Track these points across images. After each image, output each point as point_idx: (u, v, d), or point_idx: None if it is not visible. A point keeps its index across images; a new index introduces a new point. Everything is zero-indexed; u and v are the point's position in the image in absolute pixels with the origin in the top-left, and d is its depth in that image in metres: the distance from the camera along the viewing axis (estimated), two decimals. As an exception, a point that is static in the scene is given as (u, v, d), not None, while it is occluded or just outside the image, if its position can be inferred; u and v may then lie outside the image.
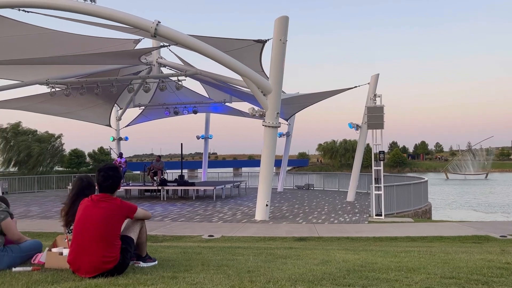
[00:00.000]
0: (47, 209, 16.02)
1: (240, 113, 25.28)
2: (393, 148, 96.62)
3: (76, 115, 24.14)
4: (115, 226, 3.76)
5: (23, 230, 5.69)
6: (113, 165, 4.09)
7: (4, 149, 37.98)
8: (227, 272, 3.78)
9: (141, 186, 21.06)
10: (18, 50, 14.39)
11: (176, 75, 17.64)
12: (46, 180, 27.80)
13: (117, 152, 26.41)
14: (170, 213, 14.31)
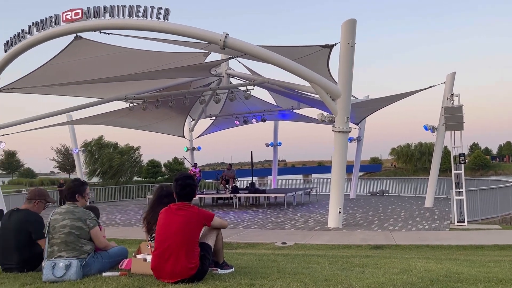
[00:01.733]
0: (128, 217, 17.00)
1: (308, 120, 25.12)
2: (474, 150, 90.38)
3: (152, 127, 25.45)
4: (194, 233, 3.89)
5: (109, 237, 6.09)
6: (189, 174, 4.26)
7: (89, 161, 41.06)
8: (303, 280, 3.75)
9: (214, 194, 21.64)
10: (100, 69, 15.52)
11: (245, 84, 17.98)
12: (127, 190, 29.56)
13: (191, 161, 27.44)
14: (243, 220, 14.53)
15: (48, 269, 3.92)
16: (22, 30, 12.44)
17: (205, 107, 23.65)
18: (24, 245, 4.38)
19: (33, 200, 4.66)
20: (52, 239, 4.12)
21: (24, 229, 4.41)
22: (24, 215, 4.51)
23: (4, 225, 4.54)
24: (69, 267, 3.95)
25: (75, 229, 4.15)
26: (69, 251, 4.08)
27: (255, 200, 21.04)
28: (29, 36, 12.34)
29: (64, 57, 13.69)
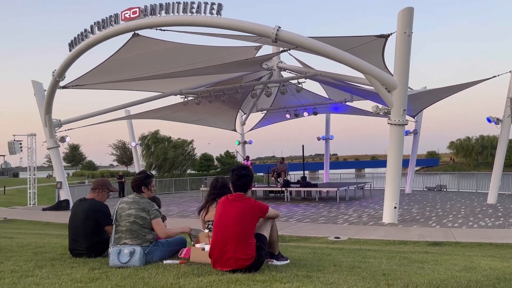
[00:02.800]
0: (184, 208, 17.52)
1: (362, 112, 24.59)
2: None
3: (205, 121, 26.02)
4: (250, 224, 3.95)
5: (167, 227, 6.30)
6: (245, 165, 4.32)
7: (146, 155, 42.64)
8: (361, 274, 3.70)
9: (266, 187, 21.77)
10: (156, 65, 16.06)
11: (296, 77, 17.90)
12: (181, 182, 30.44)
13: (243, 155, 27.77)
14: (294, 214, 14.53)
15: (114, 255, 4.14)
16: (85, 29, 13.12)
17: (257, 101, 23.81)
18: (92, 232, 4.65)
19: (97, 189, 4.94)
20: (118, 226, 4.36)
21: (91, 217, 4.68)
22: (90, 204, 4.79)
23: (73, 214, 4.85)
24: (133, 254, 4.15)
25: (139, 219, 4.34)
26: (133, 239, 4.29)
27: (306, 194, 20.95)
28: (91, 35, 13.00)
29: (122, 54, 14.30)
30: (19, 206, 21.45)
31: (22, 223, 14.32)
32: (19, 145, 20.40)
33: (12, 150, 20.13)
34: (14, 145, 20.12)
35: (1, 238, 6.97)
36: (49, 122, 18.12)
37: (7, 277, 3.62)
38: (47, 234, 9.24)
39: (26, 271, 3.87)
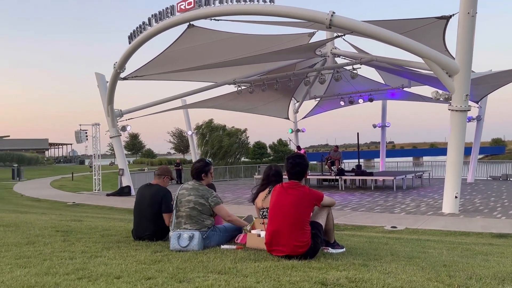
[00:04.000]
0: (238, 195, 17.84)
1: (420, 98, 23.61)
2: None
3: (258, 110, 26.17)
4: (305, 212, 3.97)
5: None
6: (300, 153, 4.33)
7: (201, 143, 43.67)
8: (420, 265, 3.62)
9: (319, 175, 21.62)
10: (211, 55, 16.34)
11: (351, 63, 17.49)
12: (235, 170, 30.94)
13: (296, 143, 27.69)
14: (349, 203, 14.34)
15: (174, 239, 4.33)
16: (143, 22, 13.58)
17: (310, 88, 23.56)
18: (157, 217, 4.88)
19: (163, 175, 5.17)
20: (179, 211, 4.54)
21: (157, 202, 4.91)
22: (157, 189, 5.02)
23: (139, 199, 5.10)
24: (192, 238, 4.31)
25: (198, 205, 4.50)
26: (192, 224, 4.46)
27: (361, 183, 20.55)
28: (149, 27, 13.44)
29: (178, 45, 14.67)
30: (86, 191, 22.86)
31: (89, 208, 15.28)
32: (85, 134, 21.65)
33: (78, 139, 21.42)
34: (80, 134, 21.39)
35: (71, 221, 7.49)
36: (111, 112, 19.05)
37: (78, 257, 3.90)
38: (111, 218, 9.81)
39: (95, 252, 4.15)
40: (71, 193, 22.13)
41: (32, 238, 5.01)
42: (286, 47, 16.11)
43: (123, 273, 3.19)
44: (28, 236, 5.22)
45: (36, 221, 7.05)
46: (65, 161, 74.71)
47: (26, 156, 55.71)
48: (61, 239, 5.04)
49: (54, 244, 4.65)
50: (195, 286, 2.82)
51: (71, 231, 5.79)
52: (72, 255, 3.96)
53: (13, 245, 4.56)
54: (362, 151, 44.46)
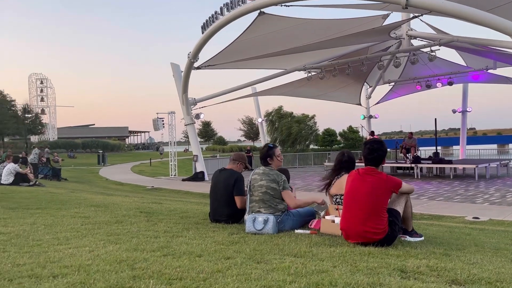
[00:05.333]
0: (308, 182, 17.80)
1: (508, 81, 21.78)
2: None
3: (328, 96, 25.76)
4: (382, 199, 3.88)
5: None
6: (379, 139, 4.21)
7: (270, 130, 44.05)
8: (508, 257, 3.40)
9: (394, 163, 20.87)
10: (281, 42, 16.31)
11: (429, 45, 16.57)
12: (304, 157, 30.84)
13: (368, 129, 26.92)
14: (426, 192, 13.73)
15: (249, 222, 4.46)
16: (215, 12, 13.88)
17: (384, 72, 22.69)
18: (231, 200, 5.04)
19: (238, 161, 5.33)
20: (252, 196, 4.66)
21: (230, 186, 5.07)
22: (231, 173, 5.19)
23: (214, 183, 5.31)
24: (267, 222, 4.41)
25: (270, 189, 4.58)
26: (266, 208, 4.55)
27: (439, 171, 19.53)
28: (221, 16, 13.70)
29: (249, 33, 14.81)
30: (163, 176, 24.11)
31: (166, 192, 16.12)
32: (162, 122, 22.78)
33: (156, 126, 22.59)
34: (157, 122, 22.54)
35: (152, 203, 7.98)
36: (186, 101, 19.81)
37: (161, 236, 4.16)
38: (188, 201, 10.28)
39: (176, 232, 4.39)
40: (149, 177, 23.48)
41: (120, 218, 5.42)
42: (358, 30, 15.62)
43: (203, 252, 3.36)
44: (116, 215, 5.65)
45: (121, 203, 7.60)
46: (143, 148, 79.20)
47: (109, 143, 60.02)
48: (145, 219, 5.39)
49: (139, 223, 4.99)
50: (272, 267, 2.89)
51: (153, 213, 6.18)
52: (156, 234, 4.23)
53: (104, 223, 4.97)
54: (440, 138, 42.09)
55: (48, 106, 63.54)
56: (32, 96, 62.62)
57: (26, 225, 4.69)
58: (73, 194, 9.82)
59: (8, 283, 2.49)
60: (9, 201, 7.30)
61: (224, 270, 2.79)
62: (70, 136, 63.07)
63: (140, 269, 2.81)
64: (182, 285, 2.45)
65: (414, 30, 18.35)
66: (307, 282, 2.49)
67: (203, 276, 2.65)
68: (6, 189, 10.62)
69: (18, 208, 6.25)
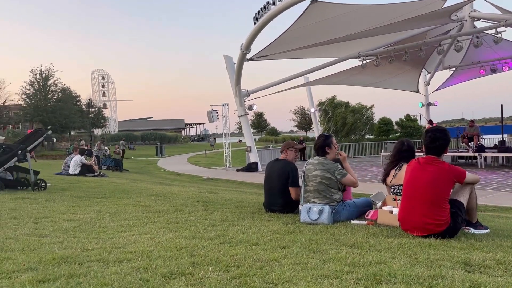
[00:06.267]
0: (363, 173, 17.40)
1: None
2: None
3: (384, 84, 24.94)
4: (444, 189, 3.71)
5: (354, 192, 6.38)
6: (441, 127, 4.04)
7: (324, 120, 43.49)
8: None
9: (455, 152, 19.88)
10: (334, 30, 15.98)
11: (494, 27, 15.51)
12: (359, 147, 30.18)
13: (426, 117, 25.83)
14: (490, 182, 12.98)
15: (304, 212, 4.45)
16: (267, 2, 13.84)
17: (444, 57, 21.61)
18: (284, 190, 5.06)
19: (283, 150, 5.34)
20: (307, 186, 4.64)
21: (283, 176, 5.09)
22: (284, 164, 5.20)
23: (268, 173, 5.34)
24: (322, 212, 4.38)
25: (324, 179, 4.54)
26: (321, 198, 4.52)
27: (505, 161, 18.36)
28: (273, 6, 13.65)
29: (302, 22, 14.65)
30: (218, 167, 24.62)
31: (221, 182, 16.46)
32: (216, 114, 23.21)
33: (210, 118, 23.06)
34: (212, 114, 23.00)
35: (208, 193, 8.18)
36: (239, 92, 20.01)
37: (218, 224, 4.26)
38: (242, 191, 10.44)
39: (232, 221, 4.48)
40: (205, 168, 24.06)
41: (178, 207, 5.61)
42: (416, 14, 14.94)
43: (259, 241, 3.40)
44: (174, 204, 5.86)
45: (179, 192, 7.86)
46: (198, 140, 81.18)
47: (167, 135, 62.18)
48: (202, 208, 5.54)
49: (196, 212, 5.14)
50: (329, 257, 2.87)
51: (209, 202, 6.33)
52: (213, 223, 4.34)
53: (163, 212, 5.17)
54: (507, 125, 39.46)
55: (109, 101, 66.71)
56: (94, 91, 66.03)
57: (93, 213, 4.98)
58: (134, 184, 10.29)
59: (78, 266, 2.66)
60: (77, 190, 7.78)
61: (280, 259, 2.81)
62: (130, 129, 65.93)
63: (199, 256, 2.90)
64: (239, 273, 2.50)
65: (478, 11, 17.25)
66: (365, 273, 2.45)
67: (260, 264, 2.69)
68: (74, 179, 11.33)
69: (85, 197, 6.65)
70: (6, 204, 5.55)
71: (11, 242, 3.34)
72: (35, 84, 44.07)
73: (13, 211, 5.00)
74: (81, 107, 51.13)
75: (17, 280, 2.37)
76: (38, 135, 7.75)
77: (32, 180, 7.24)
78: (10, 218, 4.54)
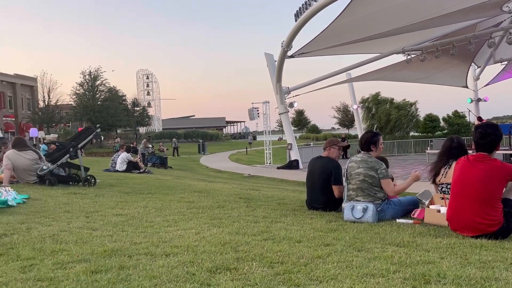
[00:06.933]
0: (408, 171, 16.91)
1: None
2: None
3: (430, 79, 24.11)
4: (496, 188, 3.55)
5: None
6: (493, 123, 3.86)
7: (367, 117, 42.60)
8: None
9: (507, 150, 18.91)
10: (377, 25, 15.60)
11: (551, 17, 14.62)
12: (404, 145, 29.36)
13: (476, 114, 24.77)
14: (547, 182, 12.25)
15: (348, 210, 4.39)
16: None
17: (495, 50, 20.61)
18: (327, 188, 5.01)
19: (326, 148, 5.28)
20: (350, 184, 4.58)
21: (326, 174, 5.04)
22: (326, 161, 5.16)
23: (310, 171, 5.31)
24: (366, 210, 4.30)
25: (368, 177, 4.45)
26: (364, 196, 4.44)
27: None
28: (314, 2, 13.52)
29: (344, 17, 14.40)
30: (258, 164, 24.74)
31: (262, 179, 16.52)
32: (257, 111, 23.32)
33: (251, 116, 23.21)
34: (252, 112, 23.13)
35: (250, 190, 8.25)
36: (280, 90, 19.99)
37: (261, 221, 4.29)
38: (284, 189, 10.43)
39: (275, 218, 4.49)
40: (246, 165, 24.25)
41: (221, 203, 5.69)
42: (464, 6, 14.31)
43: (302, 238, 3.39)
44: (217, 201, 5.95)
45: (222, 189, 7.97)
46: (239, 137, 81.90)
47: (208, 133, 63.26)
48: (244, 205, 5.59)
49: (239, 209, 5.20)
50: (374, 256, 2.83)
51: (251, 199, 6.38)
52: (255, 219, 4.37)
53: (207, 208, 5.26)
54: None
55: (153, 100, 68.59)
56: (139, 91, 68.10)
57: (140, 208, 5.15)
58: (178, 181, 10.53)
59: (128, 259, 2.76)
60: (124, 186, 8.06)
61: (324, 256, 2.80)
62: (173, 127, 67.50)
63: (243, 251, 2.93)
64: (283, 269, 2.51)
65: (532, 0, 16.29)
66: (412, 273, 2.39)
67: (304, 261, 2.69)
68: (121, 175, 11.74)
69: (132, 193, 6.88)
70: (60, 198, 5.84)
71: (65, 235, 3.51)
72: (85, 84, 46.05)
73: (66, 205, 5.25)
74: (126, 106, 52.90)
75: (72, 271, 2.49)
76: (88, 133, 8.10)
77: (83, 176, 7.56)
78: (63, 212, 4.78)
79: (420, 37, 17.80)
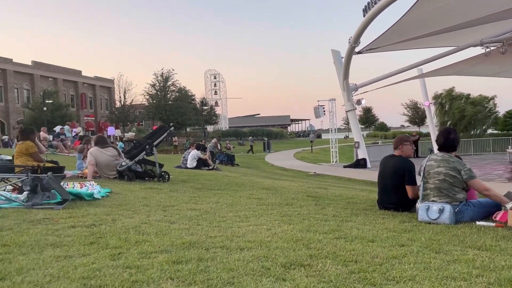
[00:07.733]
0: (486, 172, 15.91)
1: None
2: None
3: (511, 73, 22.36)
4: None
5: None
6: None
7: (440, 113, 40.49)
8: None
9: None
10: (451, 16, 14.78)
11: None
12: (480, 143, 27.60)
13: None
14: None
15: (422, 211, 4.24)
16: (377, -8, 13.32)
17: None
18: (399, 188, 4.85)
19: (398, 145, 5.08)
20: (427, 183, 4.40)
21: (398, 173, 4.89)
22: (399, 160, 4.99)
23: (382, 170, 5.18)
24: (442, 211, 4.12)
25: (449, 177, 4.25)
26: (441, 197, 4.25)
27: None
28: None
29: (415, 10, 13.83)
30: (324, 163, 24.48)
31: (328, 178, 16.34)
32: (323, 109, 23.09)
33: (317, 114, 23.02)
34: (318, 110, 22.93)
35: (318, 188, 8.21)
36: (347, 87, 19.62)
37: (331, 219, 4.27)
38: (352, 188, 10.26)
39: (345, 217, 4.45)
40: (311, 164, 24.11)
41: (290, 201, 5.74)
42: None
43: (375, 238, 3.34)
44: (286, 198, 6.00)
45: (289, 187, 8.02)
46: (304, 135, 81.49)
47: (273, 131, 63.71)
48: (313, 203, 5.59)
49: (308, 207, 5.21)
50: (454, 258, 2.72)
51: (319, 197, 6.36)
52: (325, 218, 4.36)
53: (276, 205, 5.33)
54: None
55: (220, 99, 70.31)
56: (207, 90, 70.12)
57: (212, 203, 5.34)
58: (245, 178, 10.74)
59: (205, 251, 2.90)
60: (195, 182, 8.38)
61: (400, 257, 2.74)
62: (239, 125, 68.77)
63: (315, 249, 2.95)
64: (358, 268, 2.50)
65: None
66: (497, 278, 2.28)
67: (379, 261, 2.65)
68: (192, 172, 12.19)
69: (203, 189, 7.14)
70: (138, 193, 6.21)
71: (146, 227, 3.75)
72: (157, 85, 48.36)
73: (144, 199, 5.58)
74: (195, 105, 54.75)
75: (155, 260, 2.67)
76: (163, 131, 8.52)
77: (158, 172, 7.97)
78: (142, 205, 5.09)
79: (500, 28, 16.58)
